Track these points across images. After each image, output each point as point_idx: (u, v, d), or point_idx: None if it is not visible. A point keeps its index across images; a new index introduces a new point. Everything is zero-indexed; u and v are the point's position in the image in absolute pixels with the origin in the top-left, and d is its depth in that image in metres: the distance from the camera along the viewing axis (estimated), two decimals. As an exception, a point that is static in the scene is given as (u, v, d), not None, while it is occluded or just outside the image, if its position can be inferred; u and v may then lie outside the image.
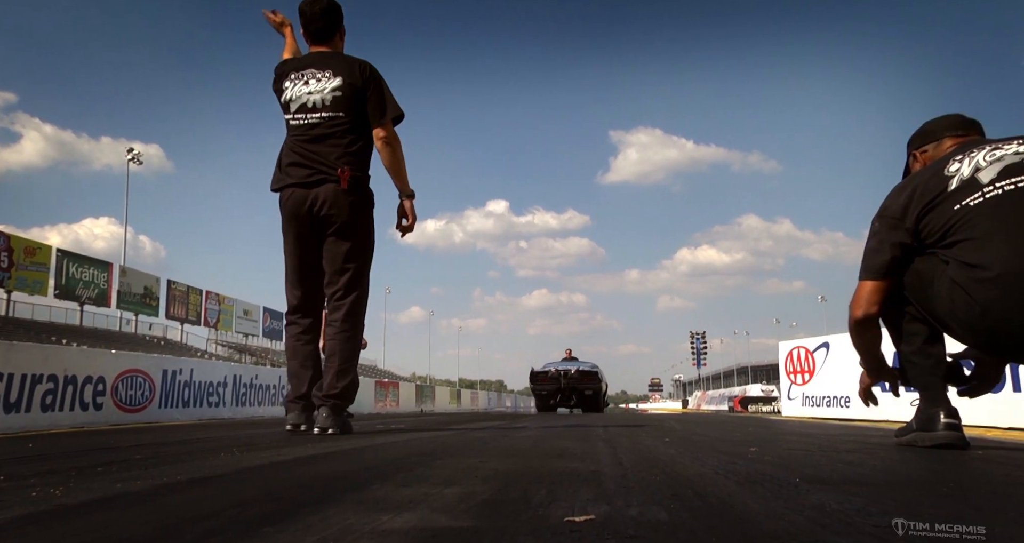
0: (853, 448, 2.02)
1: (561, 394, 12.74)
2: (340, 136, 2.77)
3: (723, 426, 3.92)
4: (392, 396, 14.64)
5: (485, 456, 1.64)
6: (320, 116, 2.77)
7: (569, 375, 12.69)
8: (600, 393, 12.96)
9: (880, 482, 1.23)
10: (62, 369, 5.35)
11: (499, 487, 1.10)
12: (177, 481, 1.20)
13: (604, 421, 4.36)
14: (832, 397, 6.77)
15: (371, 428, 3.36)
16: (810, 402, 7.16)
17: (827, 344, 7.01)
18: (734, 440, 2.47)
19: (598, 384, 12.79)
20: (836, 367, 6.80)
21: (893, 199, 1.91)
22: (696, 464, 1.50)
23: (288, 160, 2.81)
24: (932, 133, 2.09)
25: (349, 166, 2.76)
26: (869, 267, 1.92)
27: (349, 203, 2.76)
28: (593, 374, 12.83)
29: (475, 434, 2.82)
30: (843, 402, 6.56)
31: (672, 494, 1.03)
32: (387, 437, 2.58)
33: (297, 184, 2.78)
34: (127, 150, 36.64)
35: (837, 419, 6.23)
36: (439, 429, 3.31)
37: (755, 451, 1.84)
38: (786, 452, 1.87)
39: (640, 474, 1.30)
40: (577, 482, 1.16)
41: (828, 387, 6.85)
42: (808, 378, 7.25)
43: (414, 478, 1.22)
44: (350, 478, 1.27)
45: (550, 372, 12.83)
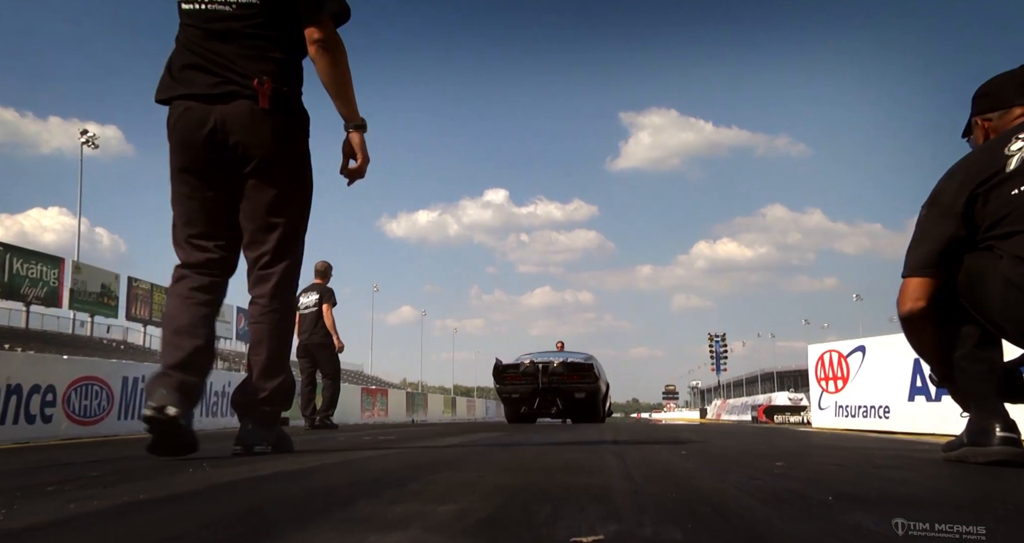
0: (894, 464, 2.03)
1: (540, 397, 9.86)
2: (257, 34, 2.20)
3: (746, 438, 3.94)
4: (380, 405, 14.68)
5: (483, 470, 1.66)
6: (229, 2, 2.20)
7: (551, 370, 9.68)
8: (597, 395, 10.07)
9: (926, 502, 1.23)
10: (4, 377, 5.34)
11: (498, 504, 1.12)
12: (140, 500, 1.21)
13: (612, 432, 4.37)
14: (869, 407, 6.79)
15: (357, 440, 3.37)
16: (844, 412, 7.19)
17: (863, 348, 7.03)
18: (758, 453, 2.49)
19: (593, 383, 9.85)
20: (873, 373, 6.82)
21: (944, 184, 1.89)
22: (716, 479, 1.52)
23: (182, 61, 2.21)
24: (998, 97, 1.99)
25: (270, 77, 2.17)
26: (914, 262, 1.90)
27: (272, 129, 2.19)
28: (586, 368, 9.83)
29: (472, 446, 2.84)
30: (882, 412, 6.58)
31: (689, 512, 1.04)
32: (374, 450, 2.60)
33: (194, 96, 2.17)
34: (80, 132, 36.55)
35: (875, 431, 6.25)
36: (432, 441, 3.32)
37: (782, 466, 1.85)
38: (817, 467, 1.89)
39: (653, 490, 1.31)
40: (584, 498, 1.17)
41: (864, 395, 6.88)
42: (841, 385, 7.27)
43: (405, 494, 1.23)
44: (334, 494, 1.28)
45: (523, 365, 9.85)
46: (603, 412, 10.76)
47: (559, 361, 9.82)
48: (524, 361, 10.00)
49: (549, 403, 9.93)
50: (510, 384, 9.99)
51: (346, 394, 13.22)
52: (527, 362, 9.95)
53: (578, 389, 9.76)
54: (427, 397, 19.95)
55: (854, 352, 7.16)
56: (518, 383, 9.92)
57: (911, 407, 6.13)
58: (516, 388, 9.94)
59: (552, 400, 9.89)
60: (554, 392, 9.80)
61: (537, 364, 9.86)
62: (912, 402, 6.11)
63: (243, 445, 2.27)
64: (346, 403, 12.76)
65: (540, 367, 9.82)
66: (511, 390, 10.01)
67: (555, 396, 9.83)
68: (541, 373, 9.77)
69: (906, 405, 6.20)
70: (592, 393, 9.92)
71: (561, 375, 9.73)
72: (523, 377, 9.88)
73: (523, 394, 9.92)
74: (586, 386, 9.81)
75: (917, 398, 6.04)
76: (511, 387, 9.99)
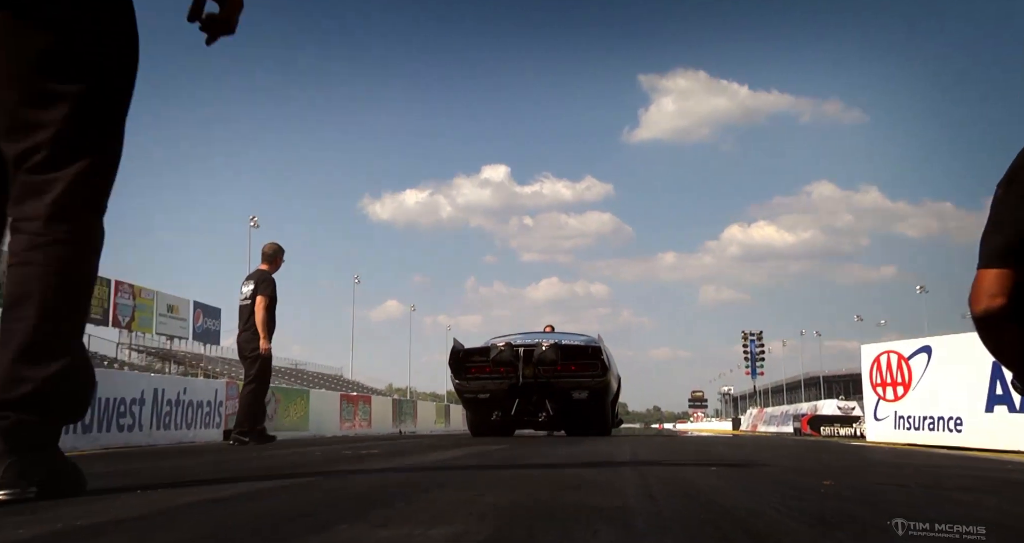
0: (967, 484, 2.05)
1: (521, 397, 8.23)
2: None
3: (787, 452, 3.97)
4: (362, 414, 14.80)
5: (482, 488, 1.69)
6: None
7: (538, 356, 8.01)
8: (605, 395, 8.50)
9: (1005, 527, 1.24)
10: None
11: (499, 526, 1.15)
12: (78, 527, 1.21)
13: (629, 445, 4.38)
14: (936, 418, 6.83)
15: (335, 455, 3.41)
16: (905, 424, 7.23)
17: (928, 348, 7.05)
18: (802, 470, 2.52)
19: (600, 376, 8.18)
20: (942, 379, 6.84)
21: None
22: (751, 499, 1.55)
23: None
24: None
25: None
26: (989, 251, 1.89)
27: None
28: (590, 354, 8.20)
29: (469, 461, 2.88)
30: (952, 425, 6.62)
31: (720, 537, 1.07)
32: (356, 465, 2.64)
33: None
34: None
35: (945, 447, 6.28)
36: (423, 455, 3.36)
37: (831, 484, 1.88)
38: (873, 487, 1.92)
39: (678, 510, 1.34)
40: (597, 520, 1.20)
41: (931, 405, 6.91)
42: (902, 393, 7.31)
43: (393, 516, 1.26)
44: (309, 516, 1.31)
45: (496, 350, 8.16)
46: (611, 420, 9.33)
47: (549, 343, 8.14)
48: (497, 343, 8.30)
49: (535, 406, 8.29)
50: (476, 378, 8.37)
51: (323, 402, 13.33)
52: (501, 345, 8.18)
53: (578, 385, 8.11)
54: (416, 405, 20.08)
55: (917, 353, 7.18)
56: (488, 377, 8.30)
57: (989, 419, 6.15)
58: (485, 384, 8.32)
59: (539, 402, 8.26)
60: (542, 390, 8.19)
61: (517, 348, 8.15)
62: (990, 413, 6.13)
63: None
64: (323, 412, 12.87)
65: (521, 353, 8.10)
66: (477, 387, 8.37)
67: (543, 396, 8.20)
68: (523, 362, 8.09)
69: (983, 417, 6.21)
70: (598, 392, 8.26)
71: (553, 364, 8.04)
72: (495, 368, 8.20)
73: (495, 393, 8.26)
74: (589, 380, 8.13)
75: (997, 408, 6.05)
76: (477, 383, 8.36)
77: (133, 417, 7.53)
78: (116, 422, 7.22)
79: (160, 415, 8.02)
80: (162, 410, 8.06)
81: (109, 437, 7.09)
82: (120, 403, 7.34)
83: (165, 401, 8.13)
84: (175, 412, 8.30)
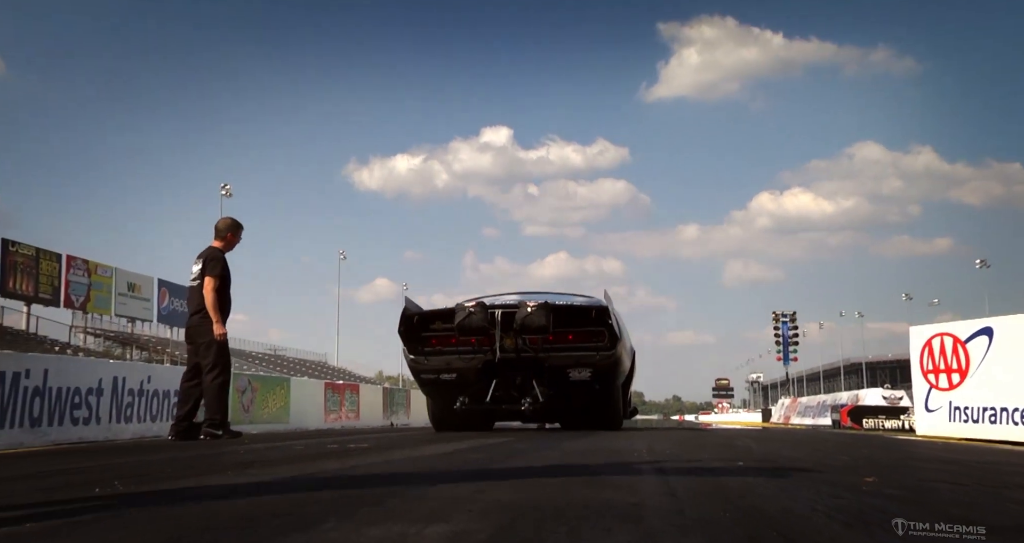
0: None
1: (500, 377, 7.12)
2: None
3: (824, 447, 4.00)
4: (350, 404, 14.91)
5: (483, 483, 1.72)
6: None
7: (521, 321, 6.88)
8: (614, 374, 7.45)
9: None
10: None
11: (502, 524, 1.17)
12: (27, 531, 1.22)
13: (646, 438, 4.40)
14: (999, 410, 6.86)
15: (319, 449, 3.44)
16: (962, 416, 7.26)
17: (989, 330, 7.05)
18: (840, 466, 2.55)
19: (608, 349, 7.07)
20: (1005, 365, 6.86)
21: None
22: (783, 496, 1.57)
23: None
24: None
25: None
26: None
27: None
28: (595, 317, 7.11)
29: (469, 455, 2.92)
30: (1018, 417, 6.65)
31: (748, 537, 1.10)
32: (343, 460, 2.67)
33: None
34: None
35: (1008, 442, 6.31)
36: (417, 448, 3.40)
37: (873, 481, 1.90)
38: (921, 485, 1.94)
39: (701, 508, 1.37)
40: (611, 518, 1.23)
41: (992, 394, 6.93)
42: (958, 381, 7.33)
43: (384, 513, 1.29)
44: (291, 513, 1.34)
45: (465, 313, 6.97)
46: (624, 409, 8.34)
47: (537, 303, 6.95)
48: (465, 305, 7.14)
49: (518, 390, 7.08)
50: (437, 353, 7.31)
51: (306, 391, 13.44)
52: (471, 306, 7.02)
53: (577, 361, 7.04)
54: (409, 394, 20.20)
55: (976, 336, 7.19)
56: (453, 350, 7.24)
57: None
58: (450, 361, 7.22)
59: (524, 384, 7.08)
60: (528, 368, 7.10)
61: (493, 311, 7.02)
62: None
63: None
64: (305, 403, 12.98)
65: (499, 317, 6.97)
66: (439, 365, 7.26)
67: (530, 375, 7.08)
68: (501, 329, 6.96)
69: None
70: (605, 371, 7.18)
71: (542, 332, 6.91)
72: (463, 337, 7.10)
73: (464, 373, 7.17)
74: (594, 355, 7.04)
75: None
76: (439, 359, 7.28)
77: (89, 409, 7.58)
78: (70, 415, 7.27)
79: (121, 407, 8.06)
80: (123, 401, 8.10)
81: (61, 432, 7.14)
82: (74, 393, 7.38)
83: (126, 391, 8.18)
84: (138, 403, 8.34)
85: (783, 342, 47.07)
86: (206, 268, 6.49)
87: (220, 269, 6.46)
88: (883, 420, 15.75)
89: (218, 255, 6.56)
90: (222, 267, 6.49)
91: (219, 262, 6.49)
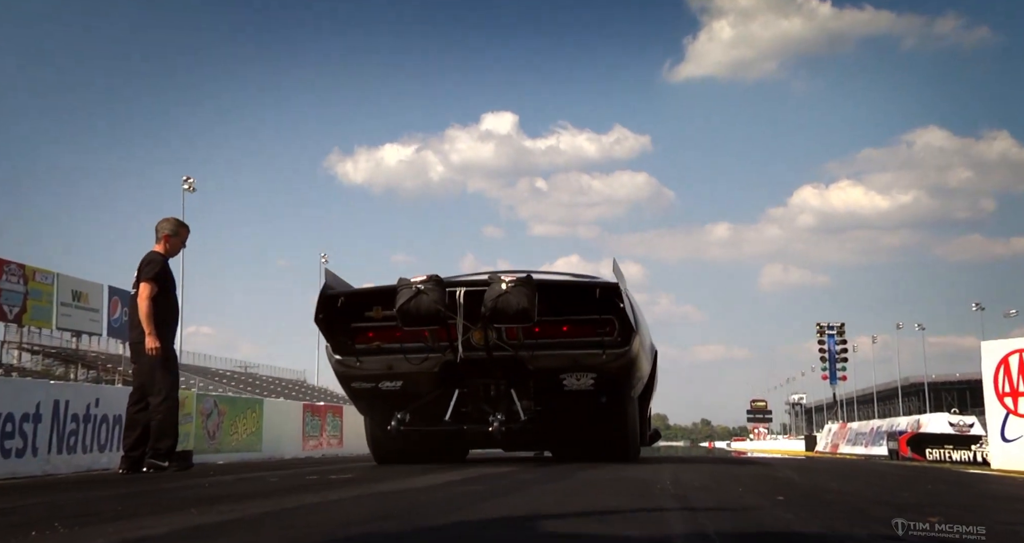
0: None
1: (461, 386, 6.25)
2: None
3: (879, 481, 3.98)
4: (332, 429, 14.91)
5: (482, 522, 1.72)
6: None
7: (494, 304, 5.70)
8: (624, 381, 6.37)
9: None
10: None
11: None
12: None
13: (669, 469, 4.37)
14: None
15: (296, 481, 3.45)
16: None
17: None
18: (898, 504, 2.55)
19: (617, 347, 6.06)
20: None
21: None
22: (831, 537, 1.57)
23: None
24: None
25: None
26: None
27: None
28: (590, 296, 6.17)
29: (464, 486, 2.92)
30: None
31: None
32: (324, 494, 2.67)
33: None
34: None
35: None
36: (407, 480, 3.41)
37: (937, 521, 1.90)
38: (1001, 529, 1.95)
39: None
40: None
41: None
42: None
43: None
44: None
45: (410, 292, 5.83)
46: (642, 431, 7.30)
47: (516, 278, 5.78)
48: (414, 280, 5.90)
49: (491, 403, 6.12)
50: (373, 351, 6.42)
51: (282, 414, 13.45)
52: (420, 281, 5.83)
53: (576, 362, 6.06)
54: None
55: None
56: (396, 348, 6.29)
57: None
58: (392, 362, 6.29)
59: (499, 395, 6.16)
60: (504, 371, 6.16)
61: (453, 290, 5.94)
62: None
63: None
64: (281, 428, 12.99)
65: (462, 298, 5.88)
66: (376, 369, 6.34)
67: (507, 383, 6.15)
68: (464, 315, 5.88)
69: None
70: (615, 376, 6.15)
71: (523, 319, 5.75)
72: (410, 327, 6.01)
73: (412, 380, 6.24)
74: (599, 354, 5.99)
75: None
76: (376, 359, 6.37)
77: (24, 439, 7.41)
78: (0, 446, 7.17)
79: (63, 435, 7.88)
80: (65, 429, 7.93)
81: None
82: (6, 420, 7.23)
83: (70, 417, 8.01)
84: (83, 431, 8.18)
85: (829, 358, 47.00)
86: (141, 273, 6.41)
87: (154, 271, 6.35)
88: (950, 451, 15.67)
89: (156, 257, 6.47)
90: (159, 269, 6.38)
91: (156, 264, 6.39)
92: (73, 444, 7.99)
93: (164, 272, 6.42)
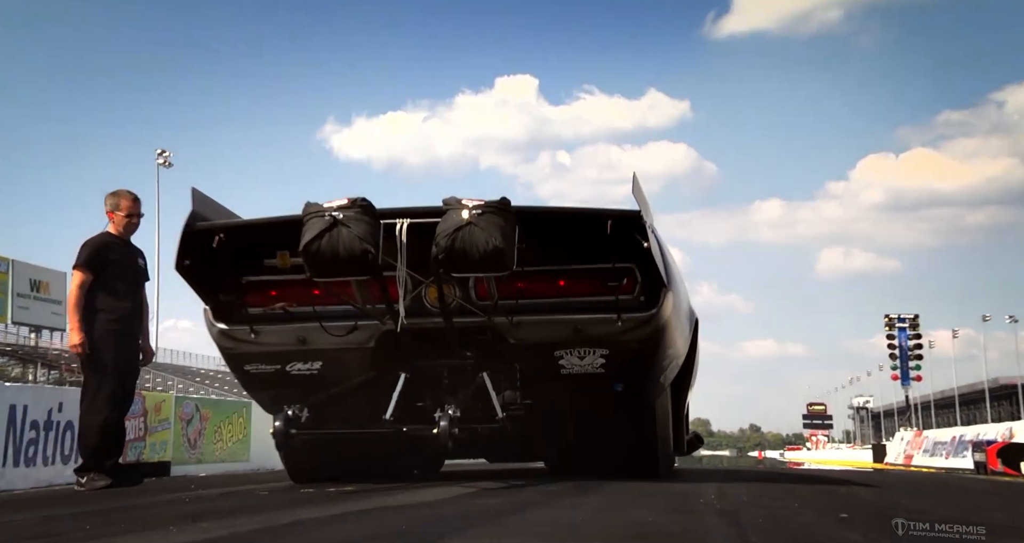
0: None
1: (408, 368, 4.99)
2: None
3: (962, 496, 3.97)
4: (324, 441, 15.03)
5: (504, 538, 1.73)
6: None
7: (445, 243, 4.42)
8: (649, 361, 5.22)
9: None
10: None
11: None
12: None
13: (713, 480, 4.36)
14: None
15: (291, 495, 3.47)
16: None
17: None
18: (990, 524, 2.54)
19: (640, 309, 4.96)
20: None
21: None
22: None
23: None
24: None
25: None
26: None
27: None
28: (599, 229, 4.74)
29: (480, 500, 2.95)
30: None
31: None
32: (320, 509, 2.70)
33: None
34: None
35: None
36: (414, 493, 3.43)
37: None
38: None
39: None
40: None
41: None
42: None
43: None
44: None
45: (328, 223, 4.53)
46: (671, 437, 6.10)
47: (484, 204, 4.54)
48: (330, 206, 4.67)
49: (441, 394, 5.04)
50: (271, 317, 5.29)
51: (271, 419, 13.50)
52: (339, 206, 4.65)
53: (578, 331, 4.96)
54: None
55: None
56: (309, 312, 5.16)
57: None
58: (304, 333, 5.16)
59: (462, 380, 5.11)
60: (471, 344, 5.17)
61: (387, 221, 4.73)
62: None
63: None
64: (267, 442, 13.05)
65: (402, 234, 4.72)
66: (281, 344, 5.25)
67: (476, 361, 5.14)
68: (404, 256, 4.71)
69: None
70: (636, 353, 5.11)
71: (495, 262, 4.55)
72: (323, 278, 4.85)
73: (335, 361, 5.21)
74: (612, 320, 4.89)
75: None
76: (278, 330, 5.24)
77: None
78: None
79: (20, 446, 7.85)
80: (21, 438, 7.89)
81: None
82: None
83: (28, 424, 7.99)
84: (43, 440, 8.13)
85: (900, 355, 46.68)
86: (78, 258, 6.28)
87: (85, 256, 6.22)
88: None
89: (90, 240, 6.34)
90: (88, 254, 6.22)
91: (87, 247, 6.24)
92: (32, 455, 7.87)
93: (96, 256, 6.18)
